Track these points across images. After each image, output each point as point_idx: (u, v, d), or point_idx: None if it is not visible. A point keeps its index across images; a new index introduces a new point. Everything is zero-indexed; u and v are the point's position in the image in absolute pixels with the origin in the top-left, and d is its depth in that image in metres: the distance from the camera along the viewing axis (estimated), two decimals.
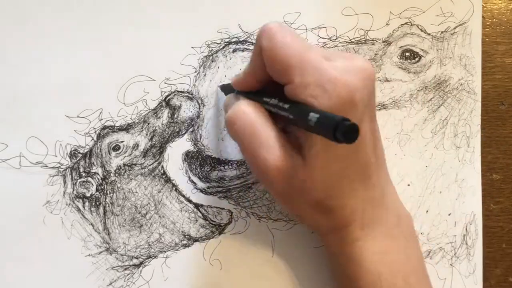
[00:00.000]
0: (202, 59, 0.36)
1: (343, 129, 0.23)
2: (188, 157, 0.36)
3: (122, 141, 0.35)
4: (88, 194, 0.35)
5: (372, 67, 0.29)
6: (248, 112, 0.29)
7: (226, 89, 0.35)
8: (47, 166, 0.35)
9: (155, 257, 0.35)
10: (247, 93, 0.31)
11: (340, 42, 0.37)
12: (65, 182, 0.35)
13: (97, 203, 0.35)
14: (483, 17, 0.38)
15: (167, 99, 0.36)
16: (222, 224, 0.36)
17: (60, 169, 0.35)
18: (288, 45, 0.28)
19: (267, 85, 0.30)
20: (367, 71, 0.28)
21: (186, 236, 0.36)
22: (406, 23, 0.37)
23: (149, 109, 0.36)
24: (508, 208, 0.38)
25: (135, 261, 0.35)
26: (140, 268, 0.35)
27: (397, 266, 0.30)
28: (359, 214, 0.30)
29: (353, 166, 0.29)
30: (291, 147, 0.29)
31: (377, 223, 0.30)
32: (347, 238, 0.30)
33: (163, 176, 0.36)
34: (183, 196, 0.36)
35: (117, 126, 0.35)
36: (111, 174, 0.35)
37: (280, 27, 0.28)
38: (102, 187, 0.35)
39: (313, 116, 0.25)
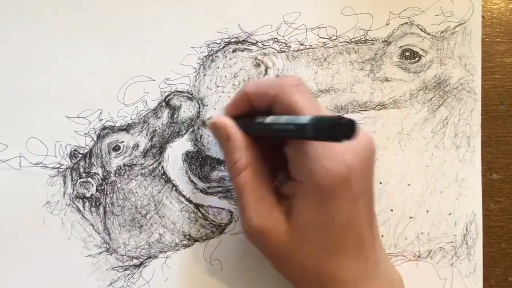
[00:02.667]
0: (202, 59, 0.36)
1: (340, 126, 0.22)
2: (188, 157, 0.36)
3: (122, 142, 0.35)
4: (88, 195, 0.35)
5: (374, 145, 0.29)
6: (247, 164, 0.30)
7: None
8: (47, 167, 0.35)
9: (156, 257, 0.35)
10: (239, 118, 0.31)
11: (340, 42, 0.37)
12: (65, 183, 0.35)
13: (97, 203, 0.35)
14: (483, 17, 0.38)
15: (167, 99, 0.36)
16: (222, 224, 0.36)
17: (60, 170, 0.35)
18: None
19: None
20: (368, 150, 0.28)
21: (186, 236, 0.36)
22: (406, 23, 0.37)
23: (149, 109, 0.36)
24: (508, 208, 0.38)
25: (135, 261, 0.35)
26: (141, 268, 0.35)
27: None
28: (351, 286, 0.29)
29: (346, 239, 0.28)
30: (279, 209, 0.29)
31: None
32: None
33: (163, 176, 0.36)
34: (183, 196, 0.36)
35: (117, 127, 0.35)
36: (111, 175, 0.35)
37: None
38: (102, 187, 0.35)
39: (308, 119, 0.24)
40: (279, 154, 0.30)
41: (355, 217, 0.28)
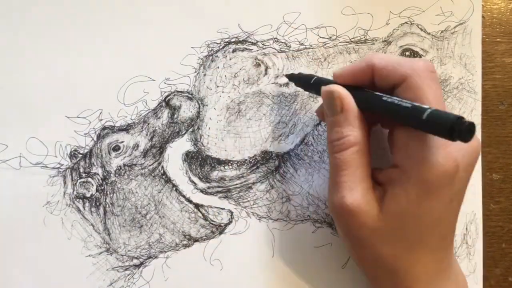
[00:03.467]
0: (202, 59, 0.36)
1: (460, 127, 0.23)
2: (188, 157, 0.36)
3: (122, 142, 0.35)
4: (88, 195, 0.35)
5: (480, 147, 0.29)
6: (354, 143, 0.29)
7: (297, 79, 0.34)
8: (47, 167, 0.35)
9: (156, 257, 0.35)
10: (353, 88, 0.30)
11: (340, 42, 0.37)
12: (65, 183, 0.35)
13: (97, 203, 0.35)
14: (483, 16, 0.38)
15: (167, 99, 0.36)
16: (223, 224, 0.36)
17: (60, 170, 0.35)
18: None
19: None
20: (475, 152, 0.28)
21: (187, 236, 0.36)
22: (406, 23, 0.37)
23: (149, 109, 0.36)
24: (508, 208, 0.38)
25: (135, 261, 0.35)
26: (141, 268, 0.35)
27: None
28: (423, 284, 0.29)
29: (432, 237, 0.28)
30: (373, 194, 0.29)
31: None
32: None
33: (163, 177, 0.36)
34: (183, 196, 0.36)
35: (117, 127, 0.35)
36: (111, 175, 0.35)
37: None
38: (102, 187, 0.35)
39: (432, 109, 0.25)
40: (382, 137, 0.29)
41: (447, 217, 0.28)
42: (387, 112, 0.27)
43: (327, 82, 0.31)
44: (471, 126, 0.23)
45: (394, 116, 0.27)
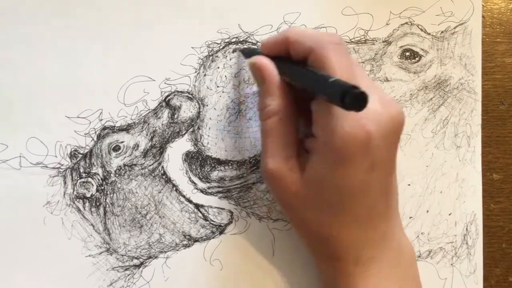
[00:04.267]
0: (202, 59, 0.36)
1: (351, 95, 0.23)
2: (188, 157, 0.36)
3: (122, 142, 0.35)
4: (88, 195, 0.35)
5: (403, 118, 0.29)
6: (276, 111, 0.30)
7: (247, 53, 0.35)
8: (47, 167, 0.35)
9: (156, 257, 0.35)
10: (277, 58, 0.31)
11: None
12: (65, 183, 0.35)
13: (98, 203, 0.35)
14: (483, 16, 0.38)
15: (167, 99, 0.36)
16: (223, 225, 0.36)
17: (60, 170, 0.35)
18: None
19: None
20: (395, 122, 0.28)
21: (187, 237, 0.36)
22: (406, 23, 0.37)
23: (149, 109, 0.36)
24: (508, 208, 0.38)
25: (135, 261, 0.35)
26: (141, 268, 0.35)
27: None
28: (353, 251, 0.29)
29: (354, 205, 0.29)
30: (297, 161, 0.30)
31: (373, 262, 0.30)
32: (339, 271, 0.30)
33: (164, 177, 0.36)
34: (184, 196, 0.36)
35: (117, 127, 0.35)
36: (111, 175, 0.35)
37: None
38: (103, 187, 0.35)
39: (327, 81, 0.25)
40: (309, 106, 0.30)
41: (368, 185, 0.28)
42: (299, 81, 0.29)
43: (257, 53, 0.33)
44: (363, 95, 0.23)
45: (304, 84, 0.28)
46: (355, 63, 0.30)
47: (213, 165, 0.36)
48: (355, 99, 0.23)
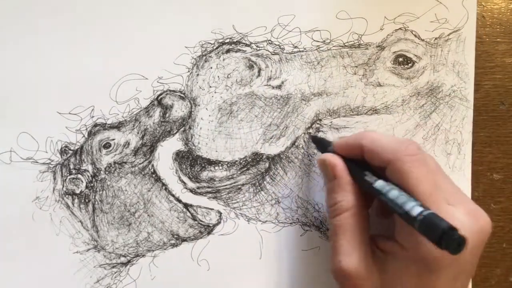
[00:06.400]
0: (195, 59, 0.36)
1: (450, 238, 0.23)
2: (179, 156, 0.36)
3: (113, 139, 0.35)
4: (77, 191, 0.35)
5: (490, 228, 0.28)
6: (347, 208, 0.30)
7: (318, 142, 0.35)
8: (37, 162, 0.35)
9: (143, 256, 0.35)
10: (347, 160, 0.31)
11: (333, 46, 0.37)
12: (55, 179, 0.35)
13: (87, 200, 0.35)
14: (483, 16, 0.38)
15: (159, 98, 0.36)
16: (211, 225, 0.36)
17: (50, 166, 0.35)
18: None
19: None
20: (483, 234, 0.28)
21: (175, 236, 0.36)
22: (400, 29, 0.37)
23: (141, 107, 0.36)
24: (509, 208, 0.38)
25: (122, 259, 0.35)
26: (128, 266, 0.35)
27: None
28: None
29: None
30: (372, 259, 0.29)
31: None
32: None
33: (153, 175, 0.36)
34: (173, 195, 0.36)
35: (109, 124, 0.35)
36: (101, 172, 0.35)
37: None
38: (92, 184, 0.35)
39: (420, 211, 0.25)
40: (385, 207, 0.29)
41: None
42: (378, 197, 0.28)
43: (328, 147, 0.33)
44: (460, 240, 0.23)
45: (385, 203, 0.28)
46: (435, 170, 0.29)
47: (203, 165, 0.36)
48: (453, 243, 0.22)
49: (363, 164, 0.30)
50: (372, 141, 0.30)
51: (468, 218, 0.27)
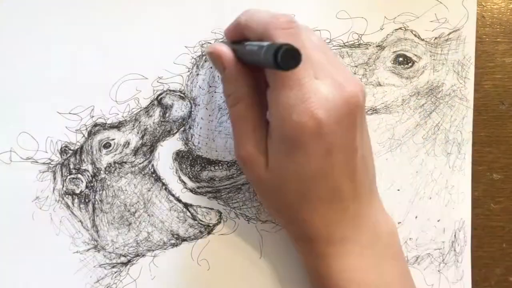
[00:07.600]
0: (195, 58, 0.36)
1: (283, 53, 0.22)
2: (179, 156, 0.36)
3: (113, 139, 0.35)
4: (77, 191, 0.35)
5: (360, 98, 0.28)
6: (241, 98, 0.30)
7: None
8: (37, 162, 0.35)
9: (143, 255, 0.35)
10: (235, 42, 0.31)
11: (333, 46, 0.37)
12: (55, 179, 0.35)
13: (87, 200, 0.35)
14: (483, 16, 0.38)
15: (159, 98, 0.36)
16: (211, 225, 0.36)
17: (50, 165, 0.35)
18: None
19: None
20: (350, 104, 0.27)
21: (175, 236, 0.36)
22: (400, 28, 0.37)
23: (141, 107, 0.36)
24: (509, 207, 0.38)
25: (123, 259, 0.35)
26: (128, 266, 0.35)
27: (367, 284, 0.30)
28: (324, 232, 0.29)
29: (318, 189, 0.29)
30: (265, 147, 0.30)
31: (346, 242, 0.30)
32: (314, 252, 0.30)
33: (153, 175, 0.36)
34: (173, 195, 0.36)
35: (109, 124, 0.35)
36: (101, 172, 0.35)
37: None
38: (92, 184, 0.35)
39: (264, 45, 0.25)
40: None
41: (326, 170, 0.28)
42: (250, 59, 0.28)
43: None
44: (292, 51, 0.22)
45: (253, 62, 0.28)
46: (309, 46, 0.29)
47: (203, 165, 0.36)
48: (287, 55, 0.22)
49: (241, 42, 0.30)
50: (247, 17, 0.30)
51: (333, 89, 0.27)
